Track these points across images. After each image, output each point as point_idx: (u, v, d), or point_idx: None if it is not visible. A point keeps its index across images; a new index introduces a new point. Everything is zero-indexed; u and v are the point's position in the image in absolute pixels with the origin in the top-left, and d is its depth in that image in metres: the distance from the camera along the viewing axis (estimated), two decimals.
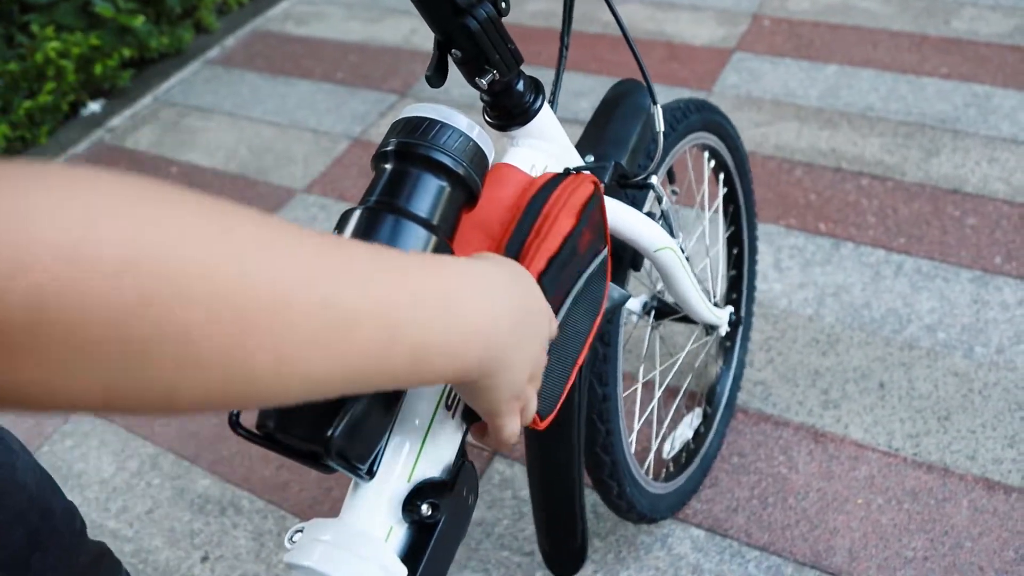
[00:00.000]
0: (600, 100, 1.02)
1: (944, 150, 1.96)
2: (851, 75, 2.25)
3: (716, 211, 1.35)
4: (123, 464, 1.55)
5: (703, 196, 1.34)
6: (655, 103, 0.89)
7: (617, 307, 0.83)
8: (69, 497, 0.86)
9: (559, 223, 0.63)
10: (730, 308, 1.29)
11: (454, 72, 0.67)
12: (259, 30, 2.99)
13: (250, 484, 1.48)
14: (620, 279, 0.95)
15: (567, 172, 0.69)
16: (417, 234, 0.57)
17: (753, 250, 1.44)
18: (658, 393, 1.29)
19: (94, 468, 1.55)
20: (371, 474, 0.54)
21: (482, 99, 0.71)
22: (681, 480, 1.29)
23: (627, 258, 0.94)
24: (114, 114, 2.62)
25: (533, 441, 0.98)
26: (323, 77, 2.65)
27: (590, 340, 0.69)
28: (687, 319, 1.28)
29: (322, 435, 0.50)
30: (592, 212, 0.68)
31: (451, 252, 0.60)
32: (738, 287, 1.44)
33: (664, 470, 1.30)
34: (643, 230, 0.88)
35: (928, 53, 2.30)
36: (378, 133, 2.33)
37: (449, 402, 0.60)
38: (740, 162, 1.32)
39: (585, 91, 2.32)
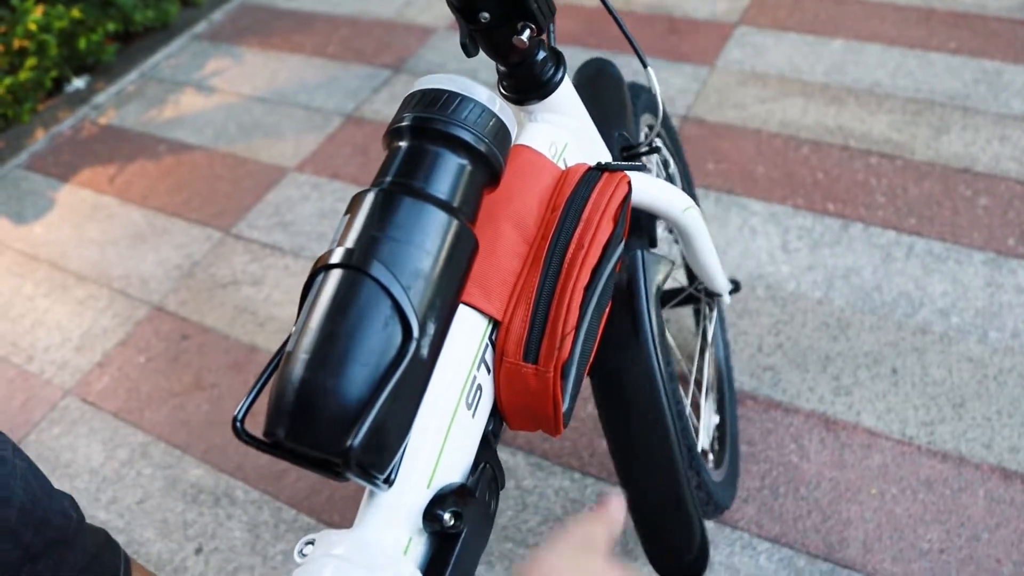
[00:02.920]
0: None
1: (954, 128, 1.91)
2: (857, 50, 2.19)
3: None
4: (112, 453, 1.50)
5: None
6: (646, 66, 0.84)
7: (668, 275, 0.80)
8: (58, 488, 0.82)
9: (600, 232, 0.59)
10: (727, 275, 1.26)
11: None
12: (247, 3, 2.90)
13: (244, 473, 1.43)
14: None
15: (599, 168, 0.64)
16: (437, 218, 0.52)
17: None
18: (692, 380, 1.27)
19: (83, 457, 1.50)
20: (389, 483, 0.50)
21: (498, 71, 0.66)
22: (727, 465, 1.24)
23: (644, 231, 0.90)
24: (99, 90, 2.54)
25: (625, 450, 0.85)
26: (314, 52, 2.57)
27: (600, 335, 0.65)
28: (686, 301, 1.24)
29: (341, 446, 0.45)
30: (625, 211, 0.63)
31: (473, 236, 0.55)
32: None
33: (709, 458, 1.26)
34: (668, 196, 0.85)
35: (936, 27, 2.24)
36: (372, 109, 2.27)
37: (469, 399, 0.56)
38: (668, 126, 1.28)
39: None
